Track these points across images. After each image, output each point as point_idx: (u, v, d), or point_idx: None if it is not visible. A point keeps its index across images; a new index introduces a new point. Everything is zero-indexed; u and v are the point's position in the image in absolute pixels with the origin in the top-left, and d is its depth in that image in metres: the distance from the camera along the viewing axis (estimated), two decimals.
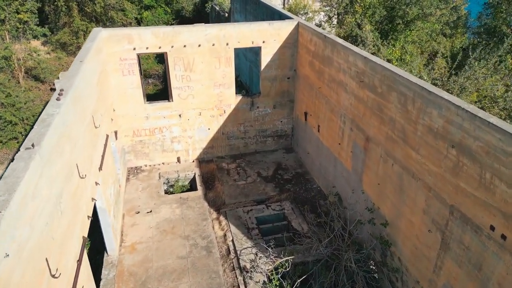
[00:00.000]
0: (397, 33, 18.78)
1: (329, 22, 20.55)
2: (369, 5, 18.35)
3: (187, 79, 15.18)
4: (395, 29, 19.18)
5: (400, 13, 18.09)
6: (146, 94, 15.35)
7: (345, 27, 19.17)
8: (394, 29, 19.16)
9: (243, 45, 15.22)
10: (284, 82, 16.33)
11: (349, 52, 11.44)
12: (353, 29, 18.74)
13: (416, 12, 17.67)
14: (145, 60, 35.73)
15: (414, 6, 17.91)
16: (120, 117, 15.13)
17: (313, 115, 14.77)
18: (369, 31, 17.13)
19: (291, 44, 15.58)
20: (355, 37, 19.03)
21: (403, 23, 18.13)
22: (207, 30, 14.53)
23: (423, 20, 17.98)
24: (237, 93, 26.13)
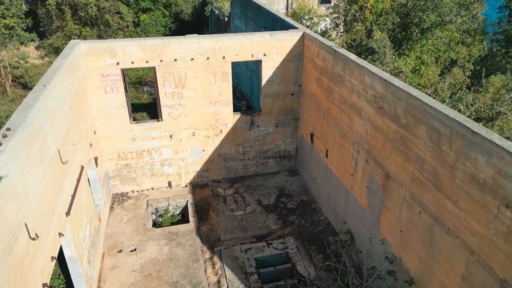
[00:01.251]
0: (411, 42, 17.04)
1: (336, 30, 18.83)
2: (381, 11, 16.62)
3: (179, 97, 13.50)
4: (409, 38, 17.44)
5: (415, 20, 16.37)
6: (140, 103, 13.66)
7: (354, 35, 17.44)
8: (408, 37, 17.42)
9: (241, 59, 13.52)
10: (288, 98, 14.62)
11: (364, 71, 9.72)
12: (363, 38, 17.01)
13: (433, 19, 15.93)
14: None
15: (432, 13, 16.17)
16: (103, 139, 13.46)
17: (321, 138, 13.06)
18: (386, 44, 15.35)
19: (296, 57, 13.88)
20: (364, 46, 17.31)
21: (419, 31, 16.40)
22: (200, 42, 12.85)
23: (441, 28, 16.24)
24: (238, 103, 24.57)
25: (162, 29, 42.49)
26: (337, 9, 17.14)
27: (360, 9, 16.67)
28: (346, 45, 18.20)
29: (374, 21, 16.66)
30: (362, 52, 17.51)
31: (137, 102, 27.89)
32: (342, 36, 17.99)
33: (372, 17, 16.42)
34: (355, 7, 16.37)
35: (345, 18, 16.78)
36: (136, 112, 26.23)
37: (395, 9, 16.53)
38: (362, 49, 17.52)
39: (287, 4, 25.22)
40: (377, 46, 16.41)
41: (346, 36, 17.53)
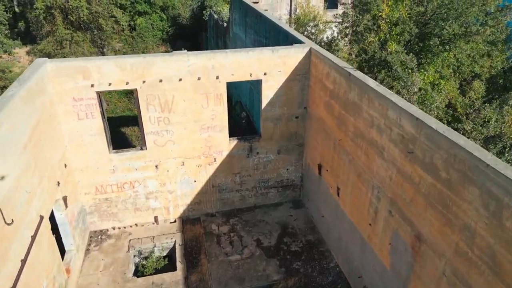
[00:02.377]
0: (431, 55, 15.14)
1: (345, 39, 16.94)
2: (397, 21, 14.71)
3: (165, 122, 11.63)
4: (428, 50, 15.53)
5: (436, 30, 14.45)
6: (133, 116, 11.81)
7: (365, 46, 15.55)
8: (426, 49, 15.51)
9: (238, 78, 11.65)
10: (292, 122, 12.74)
11: (388, 104, 7.83)
12: (376, 51, 15.12)
13: (457, 29, 14.02)
14: None
15: (455, 22, 14.25)
16: (77, 172, 11.61)
17: (331, 172, 11.17)
18: (408, 62, 13.44)
19: (301, 76, 12.00)
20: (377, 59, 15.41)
21: (440, 43, 14.49)
22: (190, 60, 10.98)
23: (466, 39, 14.33)
24: (237, 115, 22.73)
25: (159, 33, 40.67)
26: (347, 19, 15.22)
27: (373, 18, 14.80)
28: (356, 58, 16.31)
29: (389, 32, 14.77)
30: (374, 65, 15.62)
31: (129, 115, 26.04)
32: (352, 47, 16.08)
33: (386, 27, 14.55)
34: (367, 16, 14.51)
35: (356, 28, 14.93)
36: (127, 126, 24.41)
37: (413, 18, 14.63)
38: (374, 62, 15.62)
39: (290, 10, 23.34)
40: (392, 60, 14.50)
41: (357, 48, 15.62)
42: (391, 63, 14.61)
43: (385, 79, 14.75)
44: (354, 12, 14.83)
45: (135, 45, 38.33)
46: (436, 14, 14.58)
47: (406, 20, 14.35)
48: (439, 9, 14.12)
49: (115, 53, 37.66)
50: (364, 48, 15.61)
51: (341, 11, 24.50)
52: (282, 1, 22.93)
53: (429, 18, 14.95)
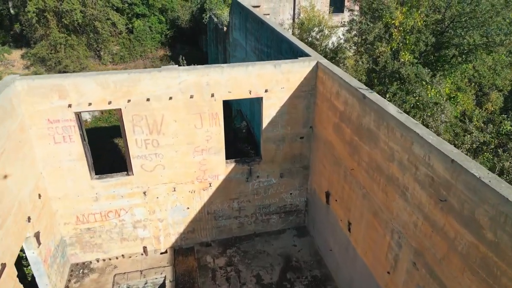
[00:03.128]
0: (448, 66, 13.83)
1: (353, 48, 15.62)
2: (411, 29, 13.38)
3: (154, 145, 10.35)
4: (445, 60, 14.21)
5: (454, 40, 13.12)
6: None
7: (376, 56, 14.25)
8: (443, 60, 14.18)
9: (236, 96, 10.37)
10: (296, 143, 11.44)
11: (413, 137, 6.52)
12: (388, 61, 13.80)
13: (478, 40, 12.68)
14: None
15: (475, 31, 12.92)
16: (55, 200, 10.35)
17: (340, 203, 9.87)
18: (422, 72, 12.17)
19: (307, 92, 10.70)
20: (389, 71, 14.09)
21: (459, 54, 13.16)
22: (181, 77, 9.69)
23: (487, 50, 12.99)
24: (237, 124, 21.47)
25: (158, 36, 39.41)
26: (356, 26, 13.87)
27: (386, 26, 13.49)
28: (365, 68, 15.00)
29: (402, 41, 13.45)
30: (385, 77, 14.30)
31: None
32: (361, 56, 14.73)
33: (400, 36, 13.24)
34: (379, 24, 13.21)
35: (366, 37, 13.63)
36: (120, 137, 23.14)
37: (429, 26, 13.31)
38: (385, 73, 14.30)
39: (294, 14, 22.02)
40: (406, 72, 13.18)
41: (366, 58, 14.29)
42: (404, 75, 13.29)
43: (397, 93, 13.44)
44: (364, 19, 13.51)
45: (132, 49, 37.09)
46: (454, 22, 13.25)
47: (422, 29, 13.03)
48: (459, 17, 12.81)
49: (113, 56, 36.47)
50: (375, 57, 14.29)
51: (347, 15, 23.22)
52: (285, 6, 21.63)
53: (447, 26, 13.62)
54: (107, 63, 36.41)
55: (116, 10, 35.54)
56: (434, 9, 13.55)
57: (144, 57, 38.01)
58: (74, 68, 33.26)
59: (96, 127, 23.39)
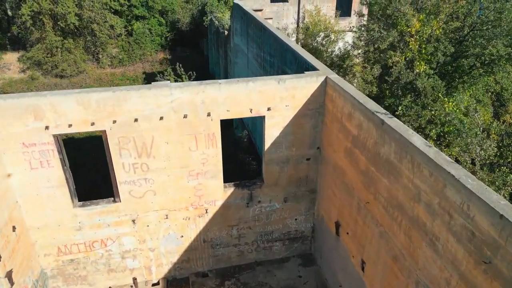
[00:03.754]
0: (468, 78, 12.69)
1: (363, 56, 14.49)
2: (429, 38, 12.24)
3: (143, 169, 9.27)
4: (463, 71, 13.07)
5: (476, 50, 11.98)
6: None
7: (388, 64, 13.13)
8: (461, 70, 13.04)
9: (235, 115, 9.28)
10: (302, 165, 10.34)
11: (446, 178, 5.41)
12: (402, 72, 12.68)
13: (502, 50, 11.53)
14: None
15: (498, 40, 11.77)
16: (33, 230, 9.30)
17: (352, 237, 8.76)
18: (439, 84, 11.06)
19: (314, 110, 9.59)
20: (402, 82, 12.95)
21: (480, 65, 12.02)
22: (173, 94, 8.60)
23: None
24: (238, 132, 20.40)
25: (158, 38, 38.39)
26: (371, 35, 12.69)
27: (400, 35, 12.35)
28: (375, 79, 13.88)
29: (419, 50, 12.31)
30: (399, 87, 13.17)
31: None
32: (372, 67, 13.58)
33: (416, 45, 12.10)
34: (393, 33, 12.07)
35: (379, 45, 12.50)
36: None
37: (448, 35, 12.16)
38: (399, 85, 13.17)
39: (298, 18, 20.89)
40: (422, 85, 12.05)
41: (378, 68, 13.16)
42: (420, 88, 12.15)
43: (412, 107, 12.30)
44: (377, 26, 12.38)
45: (131, 52, 36.05)
46: (475, 30, 12.10)
47: (440, 38, 11.89)
48: (480, 25, 11.68)
49: (111, 60, 35.43)
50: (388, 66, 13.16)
51: (355, 18, 22.09)
52: (289, 9, 20.53)
53: (466, 34, 12.47)
54: (106, 66, 35.39)
55: (114, 13, 34.54)
56: (453, 16, 12.42)
57: (143, 60, 36.98)
58: (71, 72, 32.31)
59: (91, 136, 22.35)
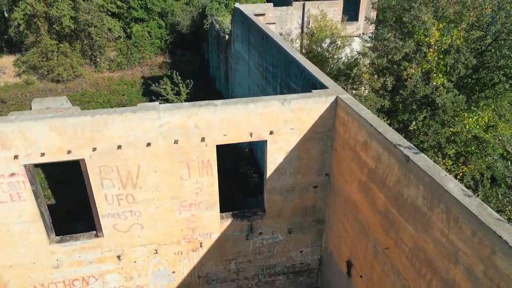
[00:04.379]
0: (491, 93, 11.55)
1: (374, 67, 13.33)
2: (449, 48, 11.08)
3: (129, 200, 8.18)
4: (484, 84, 11.91)
5: (500, 62, 10.83)
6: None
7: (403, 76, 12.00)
8: (482, 84, 11.90)
9: (233, 140, 8.17)
10: (308, 193, 9.22)
11: (495, 242, 4.27)
12: (418, 86, 11.55)
13: None
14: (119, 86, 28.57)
15: None
16: (5, 269, 8.23)
17: (367, 281, 7.63)
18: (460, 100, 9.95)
19: (322, 134, 8.47)
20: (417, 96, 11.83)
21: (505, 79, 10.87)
22: (162, 118, 7.50)
23: None
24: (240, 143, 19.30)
25: (157, 41, 37.31)
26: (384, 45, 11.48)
27: (417, 44, 11.20)
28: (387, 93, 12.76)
29: (437, 62, 11.16)
30: (413, 102, 12.04)
31: None
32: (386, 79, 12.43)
33: (435, 56, 10.95)
34: (410, 43, 10.92)
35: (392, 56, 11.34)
36: None
37: (470, 45, 11.01)
38: (414, 99, 12.03)
39: (302, 23, 19.75)
40: (442, 101, 10.91)
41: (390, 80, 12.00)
42: (439, 104, 11.00)
43: (432, 125, 11.16)
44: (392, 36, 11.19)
45: (130, 55, 34.98)
46: (499, 40, 10.95)
47: (461, 48, 10.74)
48: (507, 35, 10.53)
49: (109, 63, 34.40)
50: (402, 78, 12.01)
51: (363, 23, 20.97)
52: (293, 14, 19.41)
53: (489, 44, 11.32)
54: (103, 70, 34.35)
55: (112, 15, 33.51)
56: (475, 25, 11.26)
57: (142, 64, 35.90)
58: (68, 76, 31.27)
59: None
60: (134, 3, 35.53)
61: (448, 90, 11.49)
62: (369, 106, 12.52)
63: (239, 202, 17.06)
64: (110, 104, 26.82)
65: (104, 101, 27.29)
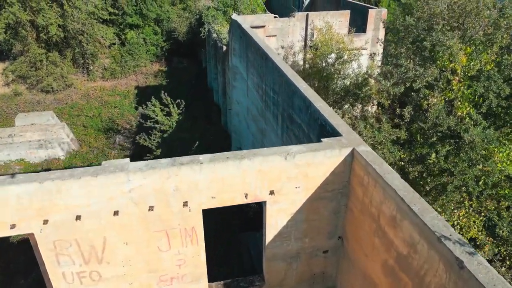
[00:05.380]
0: None
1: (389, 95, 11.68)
2: (478, 74, 9.47)
3: (93, 278, 6.57)
4: None
5: None
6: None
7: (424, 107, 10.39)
8: None
9: (223, 202, 6.55)
10: (317, 259, 7.60)
11: None
12: (441, 117, 9.96)
13: None
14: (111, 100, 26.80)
15: None
16: None
17: None
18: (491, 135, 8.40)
19: (335, 191, 6.86)
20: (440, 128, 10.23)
21: None
22: (132, 181, 5.89)
23: None
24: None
25: (153, 48, 35.75)
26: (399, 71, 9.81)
27: (441, 71, 9.60)
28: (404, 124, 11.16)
29: (463, 90, 9.56)
30: (434, 134, 10.43)
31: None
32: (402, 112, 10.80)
33: (462, 85, 9.34)
34: (433, 70, 9.31)
35: (411, 83, 9.71)
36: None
37: (503, 71, 9.40)
38: (434, 132, 10.41)
39: (306, 35, 18.14)
40: (471, 138, 9.30)
41: (409, 111, 10.38)
42: (466, 140, 9.39)
43: (458, 165, 9.55)
44: (411, 63, 9.54)
45: (124, 63, 33.37)
46: None
47: (493, 75, 9.14)
48: None
49: (103, 72, 32.82)
50: (421, 108, 10.39)
51: (371, 35, 19.36)
52: (295, 25, 17.80)
53: None
54: (96, 79, 32.78)
55: (105, 22, 31.95)
56: (506, 48, 9.65)
57: (137, 72, 34.31)
58: (58, 86, 29.68)
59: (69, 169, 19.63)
60: (128, 9, 33.95)
61: (475, 123, 9.88)
62: (384, 138, 10.92)
63: (234, 238, 15.42)
64: (101, 118, 25.23)
65: (94, 115, 25.70)
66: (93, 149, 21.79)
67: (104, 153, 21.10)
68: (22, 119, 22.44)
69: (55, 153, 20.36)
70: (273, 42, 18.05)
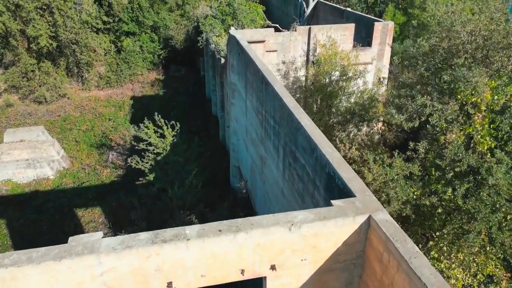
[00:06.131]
0: None
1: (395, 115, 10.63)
2: (503, 109, 8.47)
3: None
4: None
5: None
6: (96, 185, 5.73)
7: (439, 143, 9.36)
8: None
9: (216, 280, 5.53)
10: None
11: None
12: (461, 154, 8.95)
13: None
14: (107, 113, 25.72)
15: None
16: None
17: None
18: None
19: (348, 262, 5.85)
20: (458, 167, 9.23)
21: None
22: (104, 264, 4.87)
23: None
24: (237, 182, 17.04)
25: (150, 56, 34.73)
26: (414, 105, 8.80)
27: (461, 107, 8.58)
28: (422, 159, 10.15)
29: (486, 125, 8.55)
30: (456, 175, 9.41)
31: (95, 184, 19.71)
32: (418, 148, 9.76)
33: (486, 121, 8.35)
34: (452, 105, 8.29)
35: (426, 118, 8.68)
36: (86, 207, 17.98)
37: None
38: (453, 168, 9.39)
39: (308, 50, 17.11)
40: (496, 181, 8.29)
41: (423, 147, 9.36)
42: (490, 182, 8.38)
43: (480, 209, 8.53)
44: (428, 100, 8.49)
45: (119, 72, 32.35)
46: None
47: None
48: None
49: (97, 81, 31.81)
50: (439, 144, 9.37)
51: (376, 49, 18.35)
52: (296, 40, 16.78)
53: None
54: (91, 88, 31.78)
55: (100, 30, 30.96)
56: None
57: (133, 81, 33.27)
58: (51, 97, 28.67)
59: (59, 190, 18.64)
60: (124, 16, 32.93)
61: (498, 161, 8.86)
62: (396, 174, 9.90)
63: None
64: (94, 132, 24.20)
65: (87, 129, 24.66)
66: (85, 166, 20.76)
67: (96, 171, 20.06)
68: (10, 135, 21.42)
69: (44, 173, 19.33)
70: (274, 57, 17.04)
